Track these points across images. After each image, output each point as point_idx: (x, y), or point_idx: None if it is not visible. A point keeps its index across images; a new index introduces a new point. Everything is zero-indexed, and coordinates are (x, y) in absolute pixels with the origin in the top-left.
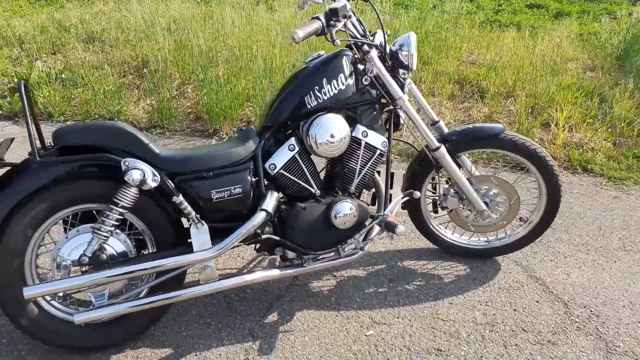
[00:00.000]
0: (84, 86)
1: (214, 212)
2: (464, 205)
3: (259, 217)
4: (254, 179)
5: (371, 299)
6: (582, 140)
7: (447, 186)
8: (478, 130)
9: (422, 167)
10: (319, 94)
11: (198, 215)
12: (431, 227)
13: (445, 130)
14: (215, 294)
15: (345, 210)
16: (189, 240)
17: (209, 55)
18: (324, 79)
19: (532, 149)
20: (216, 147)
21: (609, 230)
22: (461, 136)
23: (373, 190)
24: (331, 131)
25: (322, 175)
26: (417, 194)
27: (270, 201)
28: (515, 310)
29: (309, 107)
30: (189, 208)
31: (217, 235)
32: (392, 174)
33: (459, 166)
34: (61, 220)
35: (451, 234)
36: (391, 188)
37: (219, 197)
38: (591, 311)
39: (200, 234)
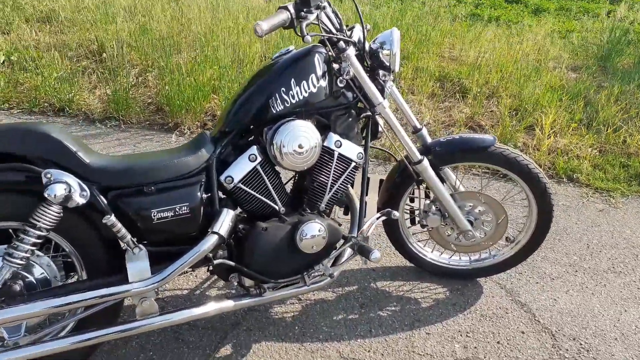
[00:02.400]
0: (34, 71)
1: (155, 235)
2: (446, 223)
3: (209, 242)
4: (205, 195)
5: (340, 328)
6: (567, 147)
7: (428, 202)
8: (465, 141)
9: (401, 180)
10: (286, 97)
11: (135, 239)
12: (409, 244)
13: (429, 139)
14: None
15: (313, 231)
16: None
17: (170, 41)
18: (293, 80)
19: (523, 165)
20: (162, 156)
21: (597, 248)
22: (446, 147)
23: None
24: (299, 140)
25: (288, 188)
26: (396, 214)
27: (225, 222)
28: (498, 342)
29: (274, 111)
30: (124, 230)
31: (159, 261)
32: (368, 179)
33: (442, 180)
34: None
35: (430, 252)
36: (366, 195)
37: (162, 218)
38: (581, 344)
39: (137, 261)
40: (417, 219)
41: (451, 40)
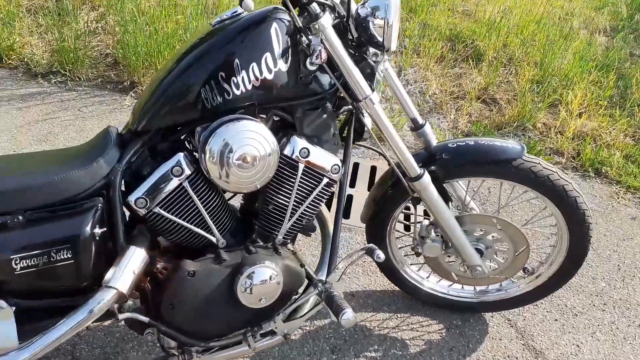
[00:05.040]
0: None
1: (22, 288)
2: (449, 254)
3: (102, 300)
4: (99, 230)
5: None
6: (596, 131)
7: (426, 223)
8: (482, 150)
9: (393, 192)
10: (226, 85)
11: None
12: (399, 269)
13: (434, 140)
14: None
15: (261, 277)
16: None
17: None
18: (237, 60)
19: (558, 187)
20: (41, 165)
21: (630, 272)
22: (456, 156)
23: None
24: (244, 149)
25: (236, 202)
26: (380, 255)
27: (128, 267)
28: None
29: (209, 105)
30: None
31: (33, 320)
32: (356, 164)
33: (447, 198)
34: None
35: (425, 279)
36: (352, 187)
37: (28, 267)
38: None
39: None
40: (412, 245)
41: None
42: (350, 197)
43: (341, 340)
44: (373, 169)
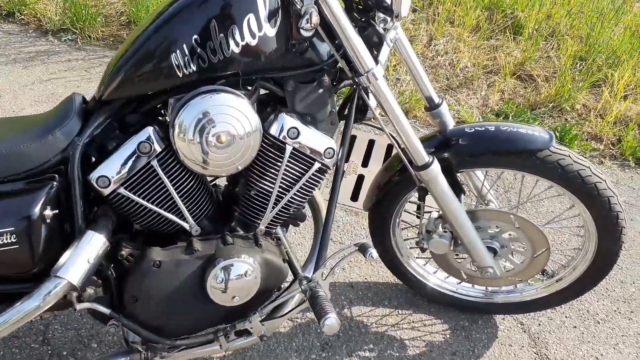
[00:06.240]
0: None
1: None
2: (457, 252)
3: (52, 290)
4: (50, 212)
5: None
6: None
7: (434, 216)
8: (504, 137)
9: (400, 179)
10: (201, 51)
11: None
12: (404, 263)
13: (450, 122)
14: None
15: (236, 272)
16: None
17: None
18: (214, 22)
19: (590, 185)
20: None
21: None
22: (473, 143)
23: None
24: (218, 126)
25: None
26: (374, 254)
27: (83, 255)
28: None
29: (181, 73)
30: None
31: None
32: (372, 141)
33: (459, 191)
34: None
35: (432, 274)
36: (365, 166)
37: None
38: None
39: None
40: (418, 240)
41: None
42: (361, 178)
43: (334, 336)
44: (390, 148)
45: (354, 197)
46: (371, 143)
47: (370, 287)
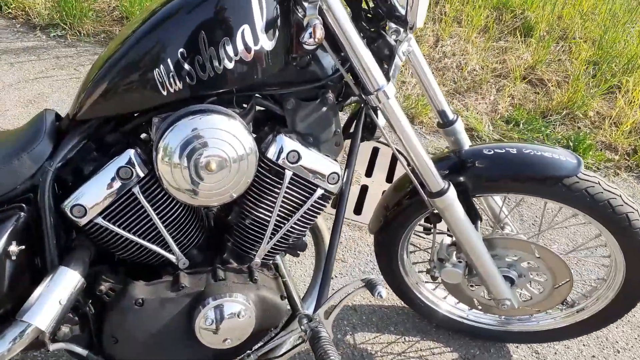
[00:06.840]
0: None
1: None
2: (473, 283)
3: (18, 337)
4: (17, 248)
5: None
6: None
7: (447, 242)
8: (530, 162)
9: (411, 203)
10: (188, 66)
11: None
12: (412, 289)
13: (466, 143)
14: None
15: (228, 312)
16: None
17: None
18: (203, 34)
19: (620, 215)
20: None
21: None
22: (494, 168)
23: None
24: (211, 151)
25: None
26: (382, 293)
27: (54, 296)
28: None
29: (165, 91)
30: None
31: None
32: (376, 149)
33: (476, 217)
34: None
35: (442, 299)
36: (369, 176)
37: None
38: None
39: None
40: (428, 268)
41: None
42: (364, 189)
43: None
44: (375, 151)
45: (357, 209)
46: (375, 151)
47: (375, 310)
